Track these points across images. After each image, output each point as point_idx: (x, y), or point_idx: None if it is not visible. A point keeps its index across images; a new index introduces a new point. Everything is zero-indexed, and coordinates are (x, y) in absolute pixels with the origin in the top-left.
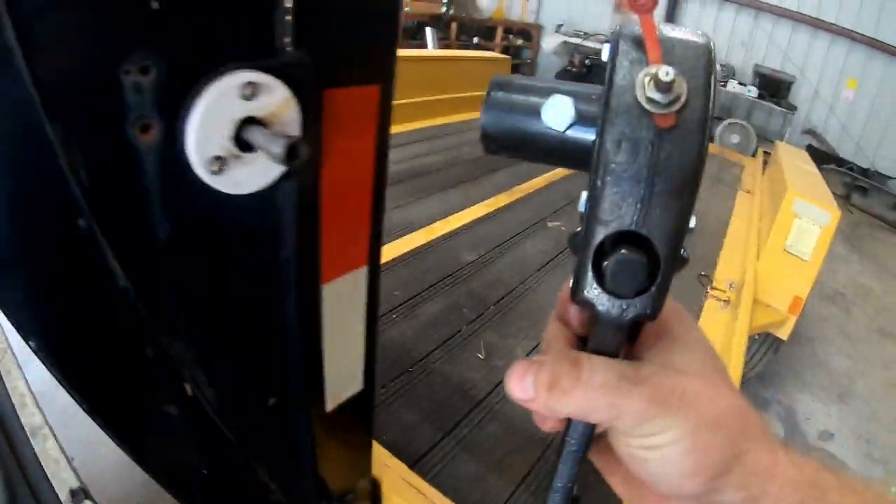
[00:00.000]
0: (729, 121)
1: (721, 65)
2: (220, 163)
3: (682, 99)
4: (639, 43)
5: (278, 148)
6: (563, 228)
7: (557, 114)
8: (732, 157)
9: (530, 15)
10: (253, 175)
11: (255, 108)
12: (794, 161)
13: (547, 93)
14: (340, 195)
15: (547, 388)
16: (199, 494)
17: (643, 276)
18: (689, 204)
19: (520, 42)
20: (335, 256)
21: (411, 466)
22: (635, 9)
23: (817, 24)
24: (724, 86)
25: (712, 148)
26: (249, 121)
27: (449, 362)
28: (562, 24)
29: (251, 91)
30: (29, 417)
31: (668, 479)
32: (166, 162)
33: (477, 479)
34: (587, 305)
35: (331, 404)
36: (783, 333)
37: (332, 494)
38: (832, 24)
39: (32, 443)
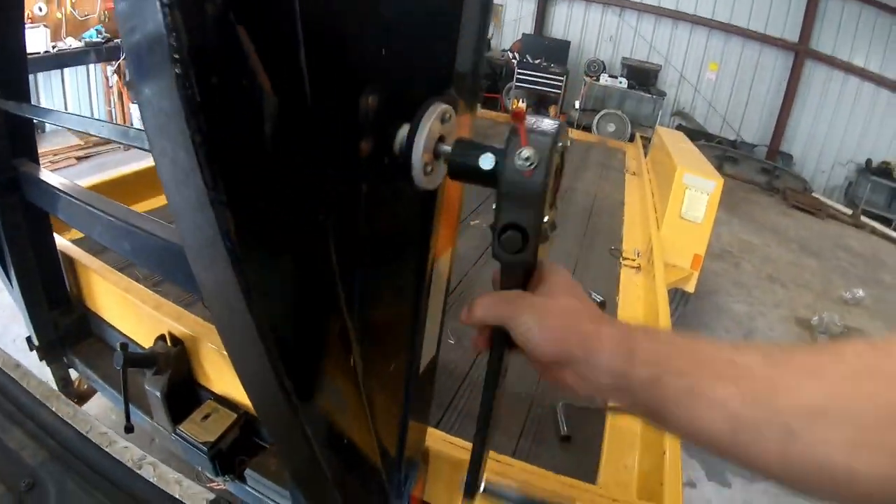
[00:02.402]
0: (604, 111)
1: (592, 60)
2: (430, 167)
3: (535, 163)
4: (517, 134)
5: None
6: (484, 226)
7: (486, 162)
8: (615, 145)
9: None
10: (438, 176)
11: (445, 129)
12: (676, 142)
13: (484, 150)
14: (452, 186)
15: (472, 306)
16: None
17: (520, 243)
18: (541, 209)
19: None
20: (442, 237)
21: None
22: (515, 119)
23: (677, 16)
24: (598, 80)
25: (594, 138)
26: (440, 138)
27: None
28: None
29: (448, 116)
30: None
31: (541, 348)
32: (375, 170)
33: None
34: (498, 260)
35: (422, 367)
36: (690, 287)
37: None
38: (691, 14)
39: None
